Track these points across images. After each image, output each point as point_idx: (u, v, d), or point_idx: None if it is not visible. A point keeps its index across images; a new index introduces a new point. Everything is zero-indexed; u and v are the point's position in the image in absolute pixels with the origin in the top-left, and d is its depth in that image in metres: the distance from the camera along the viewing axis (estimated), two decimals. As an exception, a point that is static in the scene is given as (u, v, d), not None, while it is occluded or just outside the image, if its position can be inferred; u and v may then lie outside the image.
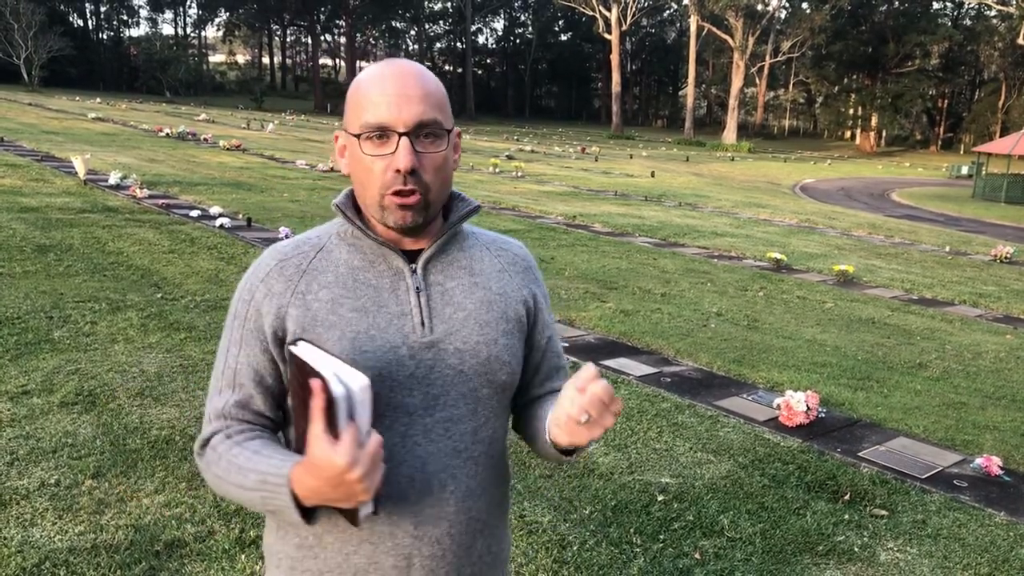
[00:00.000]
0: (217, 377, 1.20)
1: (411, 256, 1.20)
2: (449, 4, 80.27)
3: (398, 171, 1.10)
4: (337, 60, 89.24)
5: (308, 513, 1.05)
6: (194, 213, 10.29)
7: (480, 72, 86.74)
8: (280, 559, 1.20)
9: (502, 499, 1.29)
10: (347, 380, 0.97)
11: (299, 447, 1.06)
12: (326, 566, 1.16)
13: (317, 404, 0.95)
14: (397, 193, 1.12)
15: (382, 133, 1.11)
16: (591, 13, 61.78)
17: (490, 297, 1.22)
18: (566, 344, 5.87)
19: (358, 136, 1.13)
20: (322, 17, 71.51)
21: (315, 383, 0.95)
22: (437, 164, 1.14)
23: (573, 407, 1.06)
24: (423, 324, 1.16)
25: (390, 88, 1.11)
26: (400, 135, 1.10)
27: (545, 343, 1.32)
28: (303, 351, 1.05)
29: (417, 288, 1.18)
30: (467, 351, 1.18)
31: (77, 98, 43.51)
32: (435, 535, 1.16)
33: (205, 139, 23.50)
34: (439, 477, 1.16)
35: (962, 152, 61.74)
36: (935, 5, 66.99)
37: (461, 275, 1.22)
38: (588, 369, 1.07)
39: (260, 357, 1.16)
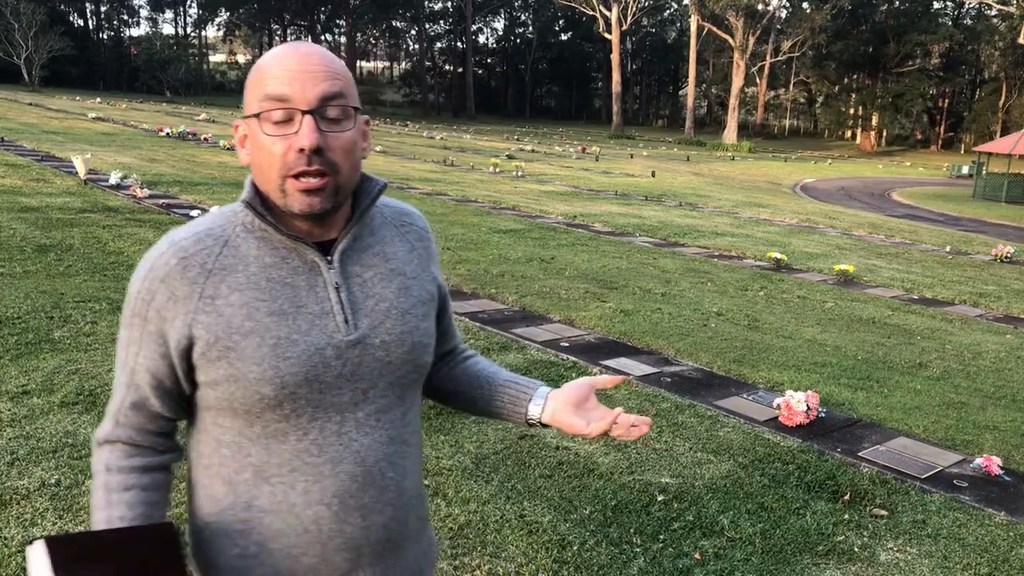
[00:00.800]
0: (119, 368, 1.16)
1: (324, 247, 1.15)
2: (449, 4, 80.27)
3: (301, 150, 1.04)
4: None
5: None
6: (194, 213, 10.29)
7: (480, 72, 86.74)
8: (220, 572, 1.16)
9: (420, 464, 1.31)
10: None
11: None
12: (275, 571, 1.14)
13: None
14: (301, 175, 1.05)
15: (284, 113, 1.05)
16: (591, 13, 61.81)
17: (407, 283, 1.21)
18: (567, 344, 5.87)
19: (258, 116, 1.06)
20: (322, 17, 71.53)
21: None
22: (345, 145, 1.08)
23: (603, 419, 1.22)
24: (347, 322, 1.13)
25: (292, 65, 1.05)
26: (304, 113, 1.04)
27: (444, 310, 1.35)
28: (33, 560, 0.98)
29: (336, 284, 1.13)
30: (392, 342, 1.16)
31: (77, 98, 43.52)
32: (381, 522, 1.17)
33: (205, 139, 23.50)
34: (379, 466, 1.16)
35: (963, 152, 61.74)
36: (935, 5, 67.00)
37: (377, 262, 1.19)
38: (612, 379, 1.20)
39: (159, 362, 1.12)
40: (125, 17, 73.98)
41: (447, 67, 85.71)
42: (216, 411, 1.13)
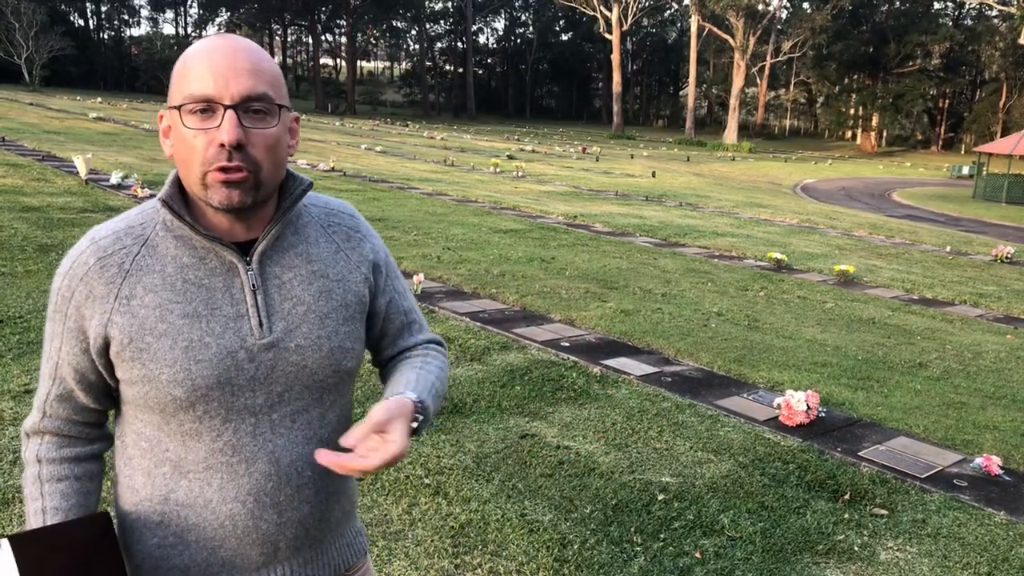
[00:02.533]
0: (44, 360, 1.17)
1: (244, 248, 1.13)
2: (450, 4, 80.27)
3: (222, 145, 1.03)
4: (338, 60, 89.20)
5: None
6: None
7: (481, 72, 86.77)
8: (140, 560, 1.18)
9: None
10: None
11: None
12: (192, 562, 1.16)
13: None
14: (221, 170, 1.04)
15: (207, 106, 1.04)
16: (592, 13, 61.81)
17: (329, 285, 1.18)
18: (567, 344, 5.88)
19: (180, 108, 1.05)
20: (323, 17, 71.52)
21: None
22: (268, 142, 1.07)
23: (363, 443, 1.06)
24: (261, 325, 1.12)
25: (218, 60, 1.04)
26: (226, 108, 1.03)
27: (385, 307, 1.29)
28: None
29: (253, 286, 1.12)
30: (308, 347, 1.14)
31: (78, 98, 43.53)
32: (298, 518, 1.18)
33: (206, 139, 23.48)
34: (296, 466, 1.16)
35: (963, 152, 61.73)
36: (936, 5, 66.99)
37: (298, 263, 1.17)
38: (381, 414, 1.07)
39: (80, 357, 1.13)
40: (126, 17, 74.02)
41: (447, 67, 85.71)
42: (135, 406, 1.14)
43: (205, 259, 1.12)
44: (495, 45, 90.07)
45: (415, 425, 1.13)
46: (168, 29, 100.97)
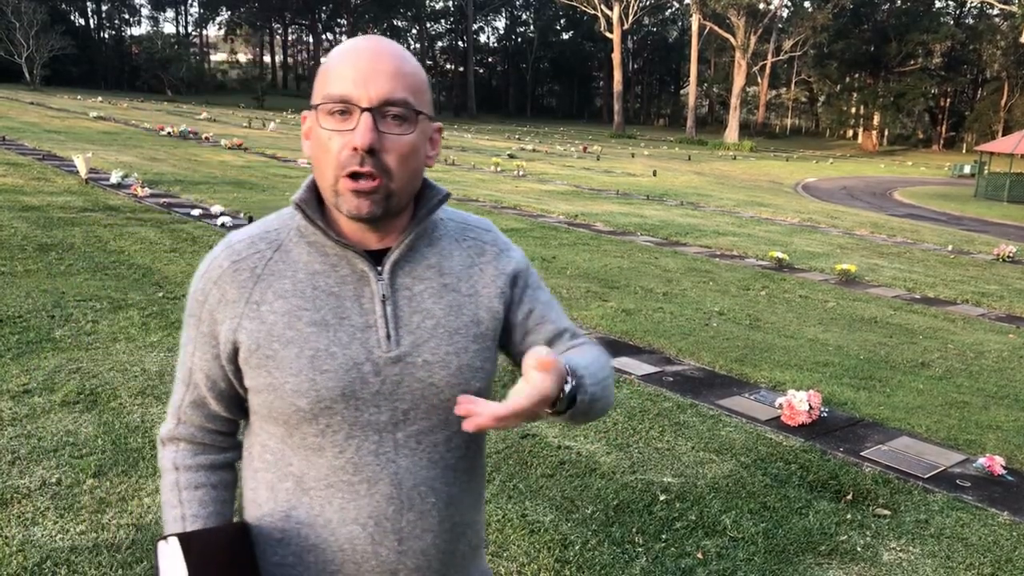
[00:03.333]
0: (179, 365, 1.17)
1: (377, 256, 1.11)
2: (451, 3, 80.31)
3: (355, 149, 1.01)
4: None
5: None
6: (195, 212, 10.29)
7: (481, 71, 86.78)
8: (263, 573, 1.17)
9: (480, 494, 1.24)
10: None
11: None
12: None
13: None
14: (353, 176, 1.02)
15: (344, 107, 1.01)
16: (593, 12, 61.78)
17: (460, 300, 1.14)
18: (568, 343, 5.86)
19: (318, 108, 1.03)
20: (324, 16, 71.55)
21: None
22: (403, 150, 1.03)
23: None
24: (389, 337, 1.08)
25: (360, 61, 1.02)
26: (362, 110, 1.00)
27: (525, 317, 1.20)
28: (164, 557, 1.04)
29: (383, 296, 1.09)
30: (436, 363, 1.10)
31: (79, 97, 43.55)
32: (420, 547, 1.13)
33: (207, 138, 23.50)
34: (419, 491, 1.11)
35: (964, 151, 61.68)
36: (937, 4, 66.97)
37: (430, 276, 1.13)
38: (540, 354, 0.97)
39: (212, 363, 1.12)
40: (126, 16, 74.09)
41: (448, 66, 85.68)
42: (261, 417, 1.12)
43: (336, 266, 1.09)
44: (496, 44, 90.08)
45: (567, 388, 1.01)
46: (169, 28, 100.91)
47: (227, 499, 1.19)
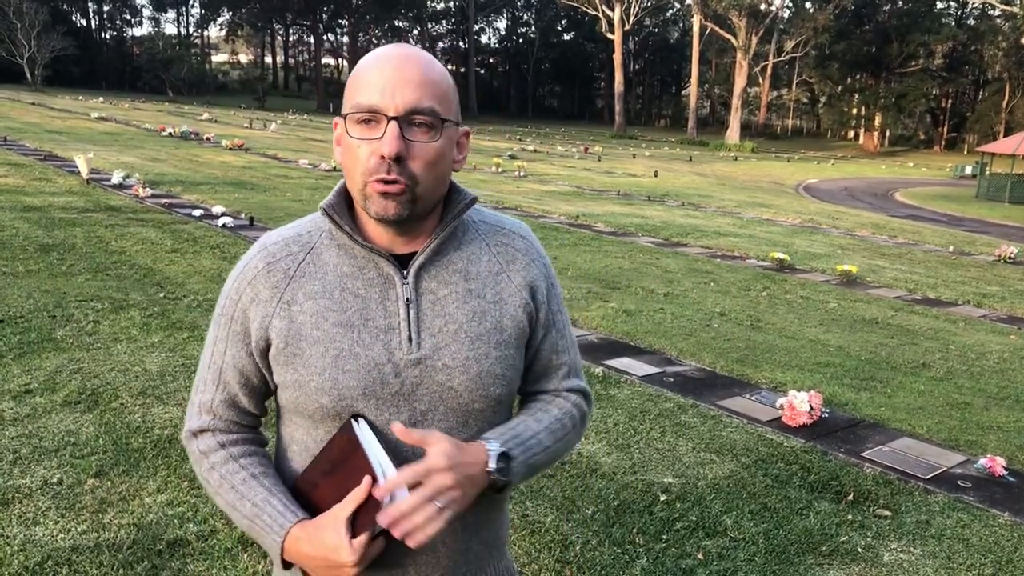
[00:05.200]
0: (204, 368, 1.19)
1: (404, 260, 1.14)
2: (452, 3, 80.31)
3: (383, 157, 1.04)
4: (340, 59, 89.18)
5: (288, 562, 1.09)
6: (197, 212, 10.30)
7: (483, 72, 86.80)
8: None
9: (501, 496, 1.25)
10: (390, 474, 1.04)
11: (302, 482, 1.14)
12: None
13: (357, 495, 1.02)
14: (380, 181, 1.05)
15: (371, 117, 1.05)
16: (594, 12, 61.75)
17: (484, 306, 1.15)
18: (569, 344, 5.85)
19: (347, 117, 1.07)
20: (325, 16, 71.53)
21: (367, 480, 1.03)
22: (429, 157, 1.06)
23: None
24: (410, 340, 1.11)
25: (387, 71, 1.05)
26: (389, 119, 1.03)
27: (539, 342, 1.23)
28: (363, 434, 1.07)
29: (407, 300, 1.12)
30: (456, 367, 1.12)
31: (80, 97, 43.60)
32: (429, 546, 1.14)
33: (208, 138, 23.52)
34: None
35: (966, 152, 61.62)
36: (939, 5, 66.94)
37: (455, 280, 1.15)
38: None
39: (245, 360, 1.15)
40: (128, 17, 74.10)
41: (449, 67, 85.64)
42: (289, 411, 1.16)
43: (364, 269, 1.13)
44: (497, 45, 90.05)
45: (492, 478, 1.09)
46: (170, 29, 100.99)
47: (279, 479, 1.20)
